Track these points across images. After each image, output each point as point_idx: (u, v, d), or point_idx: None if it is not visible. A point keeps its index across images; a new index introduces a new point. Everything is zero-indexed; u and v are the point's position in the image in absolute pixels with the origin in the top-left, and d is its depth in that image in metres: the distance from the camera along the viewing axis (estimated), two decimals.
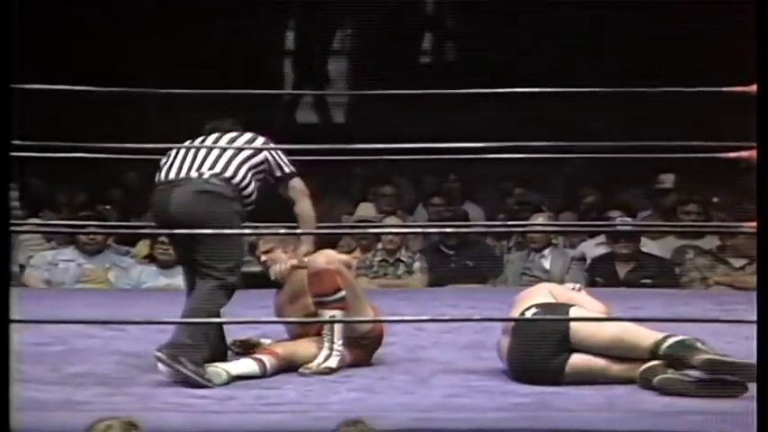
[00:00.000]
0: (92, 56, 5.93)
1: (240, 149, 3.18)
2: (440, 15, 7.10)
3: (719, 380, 2.88)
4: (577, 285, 3.39)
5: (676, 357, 2.95)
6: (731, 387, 2.87)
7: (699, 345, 2.95)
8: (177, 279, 4.90)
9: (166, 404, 2.81)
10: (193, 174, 3.15)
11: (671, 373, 2.93)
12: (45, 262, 5.31)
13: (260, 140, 3.26)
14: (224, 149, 3.18)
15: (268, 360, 3.18)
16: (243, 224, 3.18)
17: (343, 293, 3.23)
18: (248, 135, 3.27)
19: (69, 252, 5.31)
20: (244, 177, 3.17)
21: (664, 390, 2.93)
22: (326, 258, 3.24)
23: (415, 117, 4.61)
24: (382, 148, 3.00)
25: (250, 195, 3.19)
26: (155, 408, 2.75)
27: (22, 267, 5.33)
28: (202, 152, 3.19)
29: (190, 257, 3.16)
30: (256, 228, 3.61)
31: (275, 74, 6.52)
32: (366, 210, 5.56)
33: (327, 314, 3.22)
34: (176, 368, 2.97)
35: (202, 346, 3.03)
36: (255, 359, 3.18)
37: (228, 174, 3.14)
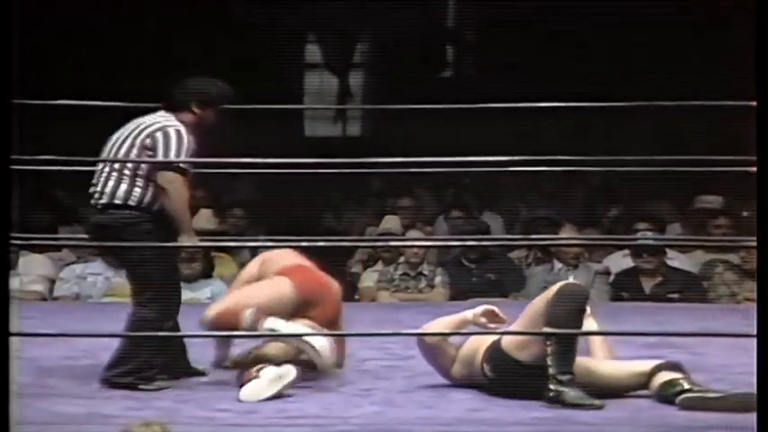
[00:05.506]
0: (93, 68, 5.97)
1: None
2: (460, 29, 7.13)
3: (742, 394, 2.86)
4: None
5: (666, 396, 2.95)
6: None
7: (684, 383, 2.92)
8: (201, 293, 4.95)
9: (191, 417, 2.85)
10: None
11: (693, 393, 2.92)
12: (74, 276, 5.35)
13: (156, 124, 3.20)
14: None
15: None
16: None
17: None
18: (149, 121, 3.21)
19: (97, 265, 5.35)
20: (130, 191, 3.19)
21: (688, 408, 2.91)
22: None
23: (432, 130, 4.62)
24: (402, 161, 3.02)
25: (141, 201, 3.20)
26: (180, 421, 2.78)
27: (53, 282, 5.39)
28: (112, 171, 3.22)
29: None
30: (276, 240, 3.62)
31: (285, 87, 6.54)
32: (391, 222, 5.53)
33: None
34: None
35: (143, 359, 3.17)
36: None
37: (119, 200, 3.20)
